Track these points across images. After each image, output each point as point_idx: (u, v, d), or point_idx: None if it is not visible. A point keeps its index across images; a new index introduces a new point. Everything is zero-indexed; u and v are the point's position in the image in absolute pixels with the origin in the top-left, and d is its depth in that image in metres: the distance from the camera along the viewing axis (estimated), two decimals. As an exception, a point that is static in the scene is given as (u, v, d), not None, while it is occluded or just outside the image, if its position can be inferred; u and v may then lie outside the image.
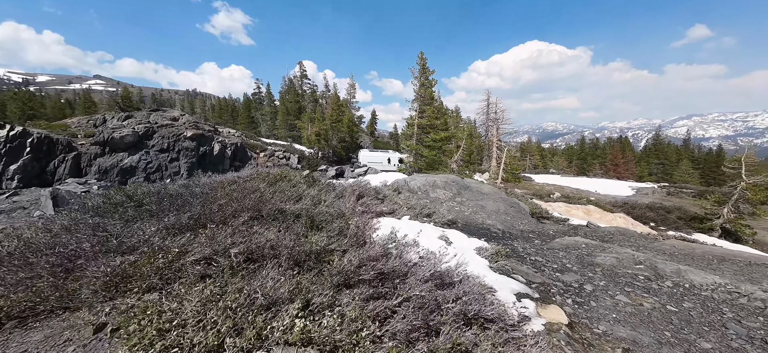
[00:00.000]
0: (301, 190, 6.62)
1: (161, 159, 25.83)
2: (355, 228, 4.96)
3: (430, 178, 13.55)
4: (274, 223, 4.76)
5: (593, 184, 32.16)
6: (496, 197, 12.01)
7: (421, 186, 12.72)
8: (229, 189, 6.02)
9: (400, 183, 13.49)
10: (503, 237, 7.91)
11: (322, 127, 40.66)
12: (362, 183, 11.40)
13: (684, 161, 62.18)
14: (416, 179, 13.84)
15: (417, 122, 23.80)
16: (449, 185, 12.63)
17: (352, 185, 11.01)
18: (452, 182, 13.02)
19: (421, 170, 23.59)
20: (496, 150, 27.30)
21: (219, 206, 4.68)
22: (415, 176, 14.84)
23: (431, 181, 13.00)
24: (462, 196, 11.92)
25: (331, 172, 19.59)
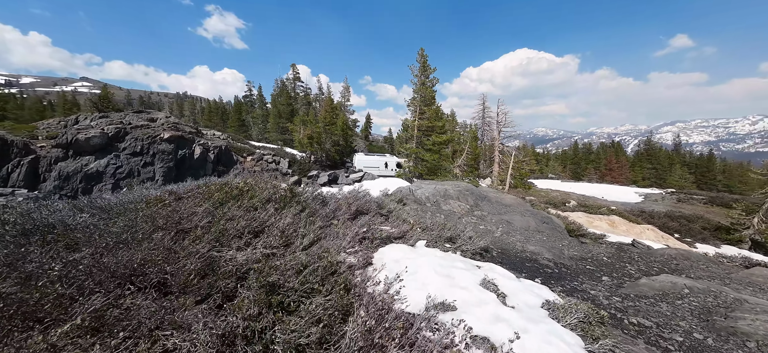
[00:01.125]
0: (265, 216, 4.17)
1: (133, 163, 22.90)
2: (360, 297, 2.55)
3: (440, 186, 11.21)
4: (189, 297, 2.32)
5: (598, 190, 30.41)
6: (522, 209, 9.74)
7: (430, 196, 10.37)
8: (145, 213, 3.54)
9: (404, 192, 11.12)
10: (560, 274, 5.60)
11: (315, 129, 38.13)
12: (360, 194, 8.98)
13: (676, 165, 61.69)
14: (423, 187, 11.49)
15: (417, 123, 21.56)
16: (464, 195, 10.31)
17: (348, 196, 8.61)
18: (466, 190, 10.71)
19: (421, 175, 21.30)
20: (498, 154, 25.26)
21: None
22: (421, 183, 12.50)
23: (442, 190, 10.67)
24: (481, 208, 9.61)
25: (322, 178, 17.09)
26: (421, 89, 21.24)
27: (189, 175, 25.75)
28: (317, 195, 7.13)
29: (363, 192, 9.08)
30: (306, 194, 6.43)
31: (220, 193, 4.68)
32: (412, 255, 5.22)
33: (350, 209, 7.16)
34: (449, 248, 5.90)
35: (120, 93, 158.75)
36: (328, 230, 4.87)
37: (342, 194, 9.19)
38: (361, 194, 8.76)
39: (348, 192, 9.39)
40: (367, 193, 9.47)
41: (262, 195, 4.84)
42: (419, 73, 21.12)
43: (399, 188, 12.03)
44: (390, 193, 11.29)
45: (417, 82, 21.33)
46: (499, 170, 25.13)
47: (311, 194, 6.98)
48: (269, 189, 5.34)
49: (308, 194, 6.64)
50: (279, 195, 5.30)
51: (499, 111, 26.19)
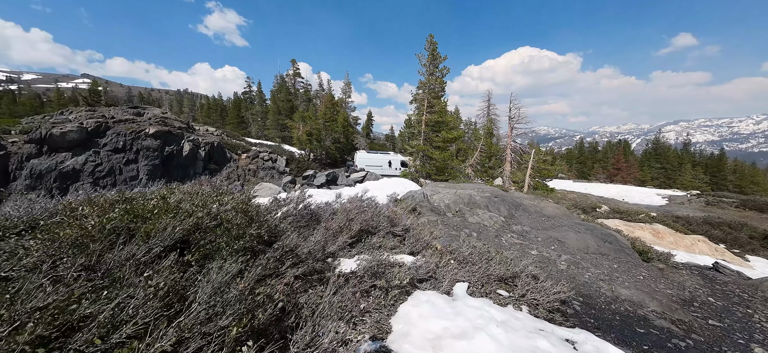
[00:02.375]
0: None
1: (115, 161, 20.71)
2: None
3: (462, 191, 8.97)
4: None
5: (616, 191, 28.14)
6: (570, 222, 7.51)
7: (451, 204, 8.15)
8: None
9: (417, 198, 8.89)
10: (694, 346, 3.37)
11: (314, 126, 35.89)
12: (364, 202, 6.77)
13: (686, 165, 59.28)
14: (440, 191, 9.26)
15: (425, 118, 19.29)
16: (494, 203, 8.08)
17: (349, 205, 6.43)
18: (496, 197, 8.49)
19: (429, 175, 19.07)
20: (510, 153, 22.97)
21: None
22: (437, 187, 10.26)
23: (465, 196, 8.43)
24: (519, 221, 7.39)
25: (320, 178, 14.88)
26: (430, 80, 18.96)
27: (177, 173, 23.56)
28: (303, 210, 4.89)
29: (368, 200, 6.86)
30: (278, 213, 4.18)
31: (119, 212, 2.45)
32: (454, 318, 3.01)
33: (351, 229, 4.94)
34: (508, 299, 3.66)
35: (120, 90, 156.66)
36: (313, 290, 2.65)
37: (342, 196, 6.98)
38: (366, 203, 6.53)
39: (349, 199, 7.17)
40: (373, 200, 7.25)
41: (182, 224, 2.58)
42: (428, 63, 18.84)
43: (410, 193, 9.81)
44: (399, 197, 9.06)
45: (425, 72, 19.04)
46: (510, 169, 22.87)
47: (294, 209, 4.74)
48: (208, 207, 3.08)
49: (284, 213, 4.40)
50: (225, 216, 3.05)
51: (511, 106, 23.86)
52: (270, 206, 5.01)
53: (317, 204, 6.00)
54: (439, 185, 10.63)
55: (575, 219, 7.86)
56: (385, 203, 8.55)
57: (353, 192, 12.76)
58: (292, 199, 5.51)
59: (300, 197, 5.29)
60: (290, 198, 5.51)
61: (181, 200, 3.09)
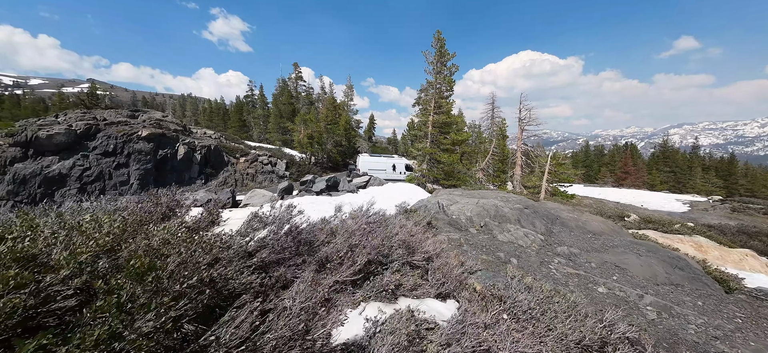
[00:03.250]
0: None
1: (104, 165, 19.47)
2: None
3: (484, 200, 7.55)
4: None
5: (634, 196, 26.54)
6: (623, 241, 6.05)
7: (474, 217, 6.73)
8: None
9: (432, 209, 7.48)
10: None
11: (315, 129, 34.64)
12: (371, 217, 5.37)
13: (696, 168, 57.43)
14: (458, 201, 7.84)
15: (432, 119, 17.92)
16: (526, 216, 6.66)
17: (351, 224, 5.05)
18: (526, 208, 7.07)
19: (437, 180, 17.65)
20: (521, 156, 21.51)
21: None
22: (453, 195, 8.84)
23: (490, 207, 7.01)
24: (561, 239, 5.96)
25: (319, 183, 13.49)
26: (438, 78, 17.61)
27: (171, 178, 22.27)
28: (289, 236, 3.50)
29: (375, 215, 5.46)
30: (253, 241, 2.80)
31: None
32: None
33: (354, 261, 3.56)
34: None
35: (125, 94, 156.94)
36: None
37: (340, 217, 5.62)
38: (373, 220, 5.14)
39: (351, 213, 5.79)
40: (382, 214, 5.85)
41: None
42: (435, 60, 17.50)
43: (422, 203, 8.39)
44: (410, 208, 7.63)
45: (432, 70, 17.71)
46: (521, 173, 21.40)
47: (275, 236, 3.37)
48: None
49: (260, 241, 3.02)
50: (135, 268, 1.64)
51: (521, 107, 22.45)
52: (243, 230, 3.63)
53: (311, 223, 4.60)
54: (455, 193, 9.22)
55: (625, 236, 6.42)
56: (394, 214, 7.15)
57: (356, 200, 11.32)
58: (275, 218, 4.12)
59: (284, 215, 3.88)
60: (273, 217, 4.11)
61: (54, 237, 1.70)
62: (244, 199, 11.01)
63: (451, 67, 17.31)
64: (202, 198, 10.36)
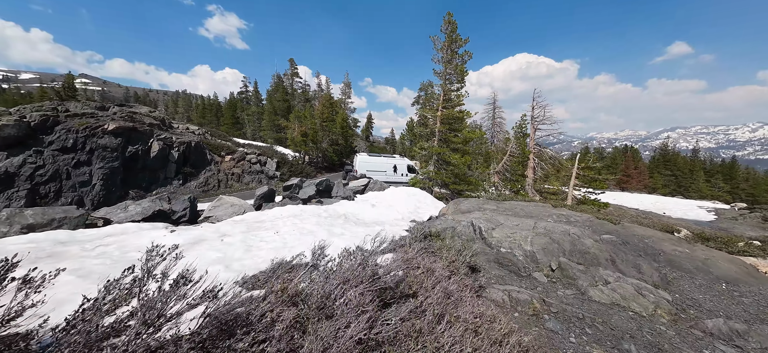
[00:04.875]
0: None
1: (62, 162, 16.58)
2: None
3: (544, 222, 4.98)
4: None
5: (652, 202, 24.32)
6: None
7: (537, 251, 4.19)
8: None
9: (462, 233, 4.90)
10: None
11: (310, 126, 31.94)
12: (380, 277, 2.73)
13: (698, 172, 55.86)
14: (501, 222, 5.29)
15: (440, 114, 15.38)
16: (617, 249, 4.10)
17: (337, 282, 2.49)
18: (605, 233, 4.48)
19: (446, 184, 15.11)
20: (534, 158, 19.08)
21: None
22: (485, 209, 6.29)
23: (558, 233, 4.47)
24: (688, 293, 3.43)
25: (308, 189, 10.83)
26: (448, 68, 15.07)
27: (143, 178, 19.40)
28: None
29: (384, 276, 2.80)
30: None
31: None
32: None
33: None
34: None
35: (119, 90, 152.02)
36: None
37: (324, 266, 2.97)
38: (386, 276, 2.44)
39: (341, 259, 3.10)
40: (393, 276, 3.22)
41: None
42: (445, 47, 14.97)
43: (446, 224, 5.80)
44: (432, 232, 5.02)
45: (441, 59, 15.16)
46: (533, 176, 18.98)
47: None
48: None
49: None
50: None
51: (534, 104, 19.97)
52: None
53: (240, 296, 1.99)
54: (487, 207, 6.69)
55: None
56: (408, 240, 4.57)
57: (354, 210, 8.71)
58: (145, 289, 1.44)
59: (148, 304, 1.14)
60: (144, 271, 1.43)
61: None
62: (207, 209, 8.35)
63: (463, 55, 14.78)
64: (145, 209, 7.68)
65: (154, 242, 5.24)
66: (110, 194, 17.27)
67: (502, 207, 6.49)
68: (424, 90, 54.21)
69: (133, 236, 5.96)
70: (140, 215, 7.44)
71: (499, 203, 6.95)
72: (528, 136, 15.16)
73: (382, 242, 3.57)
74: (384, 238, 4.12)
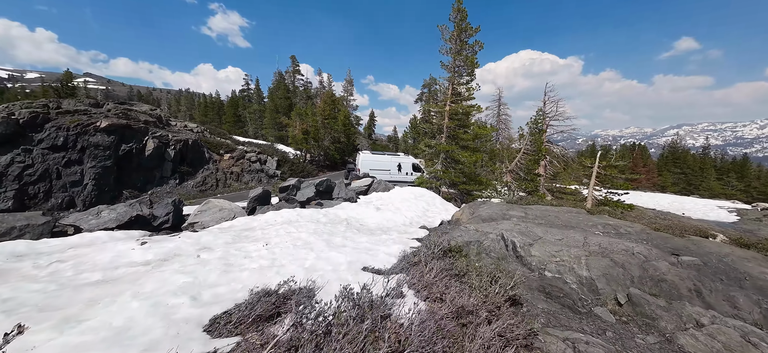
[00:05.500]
0: None
1: (51, 161, 15.78)
2: None
3: (597, 237, 3.93)
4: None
5: (668, 202, 23.11)
6: None
7: (596, 278, 3.17)
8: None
9: (490, 249, 3.92)
10: None
11: (311, 123, 31.00)
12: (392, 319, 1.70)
13: (708, 169, 54.21)
14: (536, 233, 4.27)
15: (448, 108, 14.34)
16: (702, 277, 3.06)
17: None
18: (673, 250, 3.44)
19: (455, 183, 14.09)
20: (547, 157, 17.95)
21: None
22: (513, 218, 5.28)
23: (618, 252, 3.46)
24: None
25: (306, 190, 9.85)
26: (457, 59, 13.99)
27: (137, 178, 18.58)
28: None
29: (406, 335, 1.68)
30: None
31: None
32: None
33: None
34: None
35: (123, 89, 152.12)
36: None
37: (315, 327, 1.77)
38: None
39: (336, 319, 1.88)
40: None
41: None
42: (454, 37, 13.88)
43: (465, 233, 4.79)
44: (452, 246, 3.99)
45: (450, 49, 14.08)
46: (545, 175, 17.87)
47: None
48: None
49: None
50: None
51: (546, 99, 18.79)
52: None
53: None
54: (513, 212, 5.68)
55: None
56: (423, 259, 3.60)
57: (357, 214, 7.77)
58: None
59: None
60: None
61: None
62: (193, 214, 7.42)
63: (473, 45, 13.68)
64: (121, 215, 6.76)
65: (119, 258, 4.19)
66: (103, 194, 16.46)
67: (532, 214, 5.48)
68: (427, 87, 53.02)
69: (97, 250, 5.05)
70: (115, 221, 6.53)
71: (526, 209, 5.94)
72: (544, 132, 14.08)
73: (392, 270, 2.58)
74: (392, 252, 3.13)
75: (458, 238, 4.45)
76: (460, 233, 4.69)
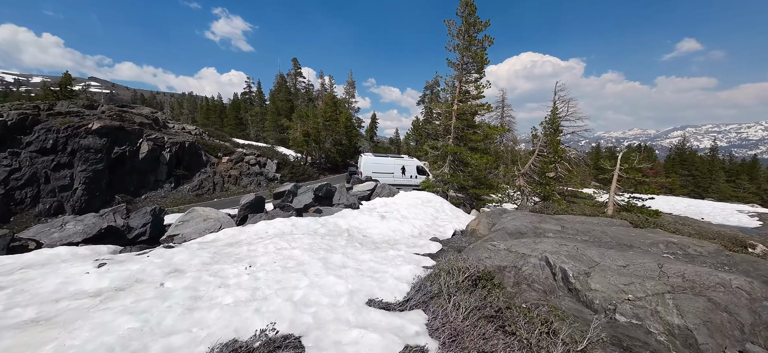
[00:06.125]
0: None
1: (40, 165, 15.01)
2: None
3: (679, 265, 2.97)
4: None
5: (684, 206, 22.00)
6: None
7: (695, 330, 2.17)
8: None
9: (530, 276, 3.00)
10: None
11: (312, 125, 30.18)
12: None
13: (717, 171, 52.83)
14: (591, 256, 3.31)
15: (455, 108, 13.43)
16: None
17: None
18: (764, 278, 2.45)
19: (464, 187, 13.14)
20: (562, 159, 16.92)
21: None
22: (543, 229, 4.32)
23: (709, 286, 2.48)
24: None
25: (303, 196, 8.93)
26: (465, 55, 13.09)
27: (131, 182, 17.75)
28: None
29: None
30: None
31: None
32: None
33: None
34: None
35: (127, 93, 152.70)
36: None
37: None
38: None
39: None
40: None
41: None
42: (462, 32, 12.99)
43: (494, 254, 3.84)
44: (481, 274, 2.97)
45: (458, 45, 13.19)
46: (556, 177, 16.86)
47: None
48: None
49: None
50: None
51: (557, 98, 17.82)
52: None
53: None
54: (547, 224, 4.70)
55: None
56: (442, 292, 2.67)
57: (360, 224, 6.90)
58: None
59: None
60: None
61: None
62: (175, 224, 6.53)
63: (483, 41, 12.78)
64: (89, 227, 5.88)
65: (66, 287, 3.30)
66: (94, 199, 15.66)
67: (570, 227, 4.50)
68: (430, 88, 52.18)
69: (47, 273, 4.15)
70: (81, 234, 5.64)
71: (560, 220, 4.94)
72: (561, 132, 13.11)
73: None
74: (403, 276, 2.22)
75: (486, 260, 3.53)
76: (488, 254, 3.76)
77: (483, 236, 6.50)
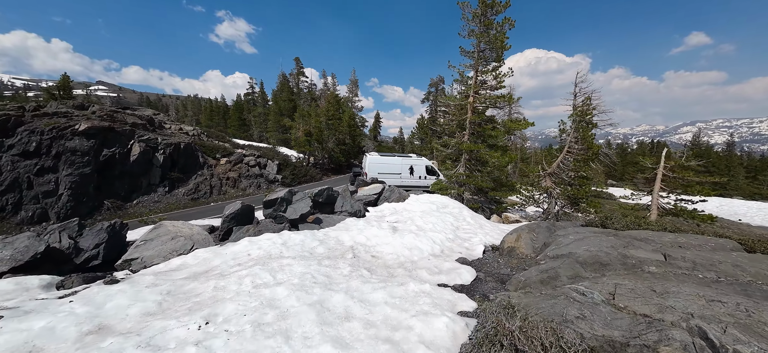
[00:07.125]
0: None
1: (23, 169, 13.89)
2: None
3: None
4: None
5: (718, 205, 20.15)
6: None
7: None
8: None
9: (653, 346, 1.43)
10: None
11: (315, 124, 28.86)
12: None
13: (736, 167, 50.33)
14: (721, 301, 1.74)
15: (470, 101, 11.92)
16: None
17: None
18: None
19: (483, 190, 11.64)
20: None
21: None
22: (651, 266, 2.81)
23: None
24: None
25: (300, 204, 7.50)
26: (482, 40, 11.57)
27: (122, 186, 16.54)
28: None
29: None
30: None
31: None
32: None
33: None
34: None
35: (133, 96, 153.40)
36: None
37: None
38: None
39: None
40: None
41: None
42: (478, 15, 11.46)
43: (589, 311, 2.34)
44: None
45: (474, 31, 11.68)
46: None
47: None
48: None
49: None
50: None
51: (577, 90, 16.12)
52: None
53: None
54: (636, 251, 3.23)
55: None
56: None
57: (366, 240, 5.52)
58: None
59: None
60: None
61: None
62: (136, 244, 5.17)
63: (503, 23, 11.24)
64: (19, 253, 4.52)
65: None
66: (80, 205, 14.52)
67: (679, 256, 3.01)
68: (434, 86, 50.57)
69: None
70: (9, 262, 4.31)
71: (659, 241, 3.40)
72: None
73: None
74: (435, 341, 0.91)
75: (580, 325, 2.09)
76: (576, 311, 2.28)
77: (525, 257, 5.02)
